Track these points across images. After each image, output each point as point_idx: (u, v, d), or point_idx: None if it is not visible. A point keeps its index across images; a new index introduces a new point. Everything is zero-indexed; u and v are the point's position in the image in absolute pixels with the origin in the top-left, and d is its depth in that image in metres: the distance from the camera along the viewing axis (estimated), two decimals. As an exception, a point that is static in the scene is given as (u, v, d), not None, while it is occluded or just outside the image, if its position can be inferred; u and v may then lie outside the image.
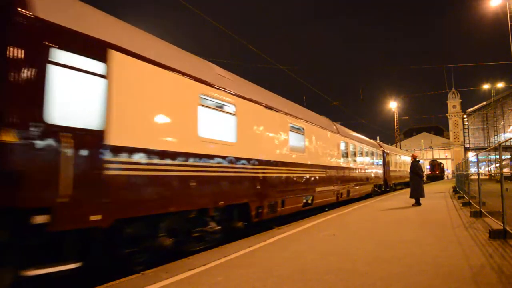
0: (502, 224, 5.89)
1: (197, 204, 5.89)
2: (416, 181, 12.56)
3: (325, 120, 13.47)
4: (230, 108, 7.03)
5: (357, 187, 15.86)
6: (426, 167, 53.42)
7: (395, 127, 46.89)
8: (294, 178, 9.55)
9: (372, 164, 19.50)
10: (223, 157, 6.57)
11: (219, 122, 6.87)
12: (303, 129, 10.51)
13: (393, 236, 6.40)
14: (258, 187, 7.71)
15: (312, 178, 10.78)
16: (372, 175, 19.01)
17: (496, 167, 47.02)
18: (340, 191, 13.29)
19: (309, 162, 10.56)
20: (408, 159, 30.41)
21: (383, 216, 9.59)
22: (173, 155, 5.38)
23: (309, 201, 10.56)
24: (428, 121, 73.50)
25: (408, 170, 28.24)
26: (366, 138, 19.87)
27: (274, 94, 9.74)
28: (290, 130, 9.57)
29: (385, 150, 22.88)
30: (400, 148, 49.77)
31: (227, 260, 5.02)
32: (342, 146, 14.25)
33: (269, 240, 6.45)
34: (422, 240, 5.89)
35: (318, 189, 11.14)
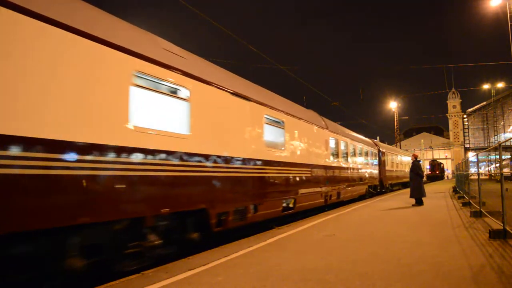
0: (502, 224, 5.89)
1: (126, 212, 4.58)
2: (416, 181, 12.59)
3: (312, 114, 12.19)
4: (182, 92, 5.71)
5: (349, 188, 14.64)
6: (426, 167, 53.48)
7: (395, 127, 46.98)
8: (271, 179, 8.26)
9: (367, 163, 18.34)
10: (170, 153, 5.27)
11: (165, 109, 5.64)
12: (283, 122, 9.14)
13: (393, 236, 6.40)
14: (221, 189, 6.48)
15: (294, 179, 9.50)
16: (367, 175, 17.91)
17: (496, 167, 47.03)
18: (328, 193, 12.05)
19: (290, 160, 9.29)
20: (406, 159, 29.95)
21: (383, 216, 9.59)
22: (84, 148, 4.02)
23: (291, 205, 9.37)
24: (428, 121, 73.71)
25: (406, 170, 28.11)
26: (360, 136, 18.76)
27: (245, 80, 8.39)
28: (266, 123, 8.24)
29: (380, 149, 21.87)
30: (400, 148, 49.79)
31: (227, 260, 5.01)
32: (332, 143, 13.07)
33: (269, 240, 6.45)
34: (422, 240, 5.89)
35: (302, 191, 9.87)
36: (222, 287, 3.80)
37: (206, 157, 6.10)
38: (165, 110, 5.65)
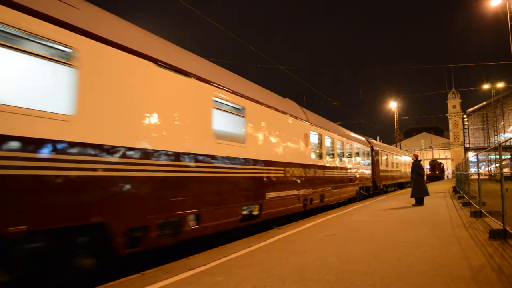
0: (502, 224, 5.89)
1: None
2: (417, 181, 12.60)
3: (289, 104, 10.41)
4: (62, 53, 4.06)
5: (335, 190, 12.90)
6: (426, 167, 53.50)
7: (395, 127, 47.03)
8: (223, 180, 6.55)
9: (358, 162, 16.74)
10: (28, 141, 3.59)
11: (27, 74, 4.07)
12: (244, 109, 7.36)
13: (393, 236, 6.40)
14: (135, 195, 4.71)
15: (260, 180, 7.81)
16: (357, 175, 16.32)
17: (496, 167, 47.03)
18: (309, 196, 10.32)
19: (253, 157, 7.55)
20: (403, 158, 29.06)
21: (383, 216, 9.59)
22: None
23: (255, 212, 7.71)
24: (428, 121, 73.85)
25: (403, 170, 27.58)
26: (350, 132, 17.11)
27: (187, 52, 6.53)
28: (216, 109, 6.46)
29: (374, 147, 20.25)
30: (400, 148, 49.79)
31: (227, 260, 5.02)
32: (314, 139, 11.45)
33: (269, 240, 6.45)
34: (422, 240, 5.89)
35: (271, 194, 8.20)
36: (222, 287, 3.80)
37: (105, 149, 4.33)
38: (26, 76, 4.08)
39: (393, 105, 45.99)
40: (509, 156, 41.26)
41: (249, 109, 7.56)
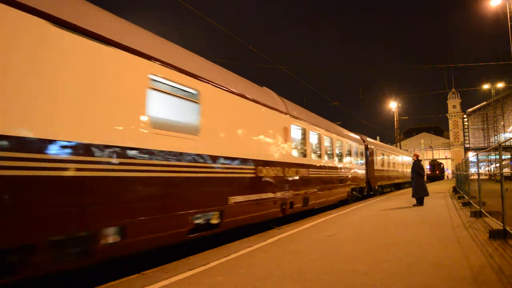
0: (502, 224, 5.89)
1: None
2: (417, 181, 12.61)
3: (264, 92, 9.08)
4: None
5: (322, 192, 11.49)
6: (426, 167, 53.53)
7: (395, 127, 47.09)
8: (163, 182, 5.11)
9: (350, 162, 15.47)
10: None
11: None
12: (198, 93, 5.94)
13: (392, 236, 6.40)
14: (5, 202, 3.30)
15: (219, 181, 6.41)
16: (349, 175, 15.04)
17: (496, 167, 47.07)
18: (288, 199, 8.99)
19: (209, 153, 6.08)
20: (401, 158, 28.64)
21: (383, 216, 9.59)
22: None
23: (214, 221, 6.28)
24: (428, 121, 73.90)
25: (400, 170, 27.44)
26: (341, 129, 15.84)
27: (120, 18, 5.16)
28: (154, 89, 5.09)
29: (368, 146, 19.07)
30: (400, 147, 49.82)
31: (227, 260, 5.02)
32: (296, 134, 10.22)
33: (269, 240, 6.45)
34: (422, 240, 5.89)
35: (236, 198, 6.78)
36: (222, 287, 3.80)
37: None
38: None
39: (393, 105, 46.06)
40: (509, 156, 41.28)
41: (205, 94, 6.12)
